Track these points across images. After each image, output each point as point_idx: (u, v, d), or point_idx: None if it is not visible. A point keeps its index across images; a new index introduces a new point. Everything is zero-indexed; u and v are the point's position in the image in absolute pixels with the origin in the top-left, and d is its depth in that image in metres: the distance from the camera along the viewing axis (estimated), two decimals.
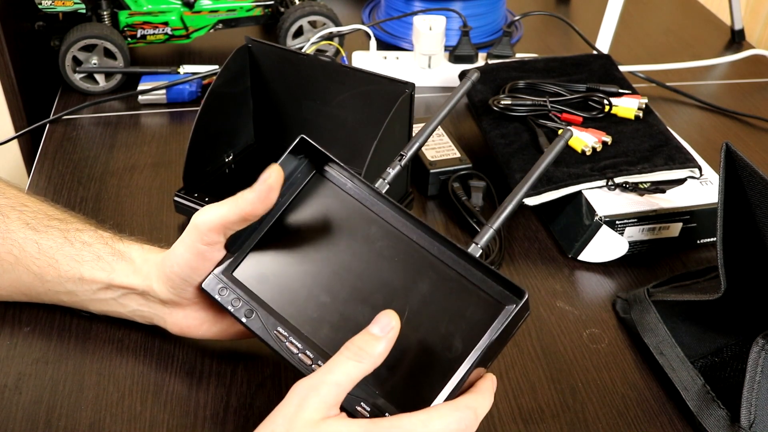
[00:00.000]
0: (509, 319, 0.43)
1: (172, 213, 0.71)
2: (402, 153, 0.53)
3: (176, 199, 0.70)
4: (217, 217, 0.47)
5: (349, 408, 0.43)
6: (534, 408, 0.55)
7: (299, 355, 0.46)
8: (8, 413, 0.52)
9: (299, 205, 0.50)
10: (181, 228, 0.70)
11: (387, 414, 0.43)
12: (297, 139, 0.49)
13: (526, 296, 0.42)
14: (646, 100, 0.78)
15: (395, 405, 0.43)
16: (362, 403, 0.43)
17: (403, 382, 0.44)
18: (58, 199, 0.73)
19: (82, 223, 0.58)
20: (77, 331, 0.59)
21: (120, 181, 0.77)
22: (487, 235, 0.47)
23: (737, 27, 1.12)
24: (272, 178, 0.47)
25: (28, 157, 0.95)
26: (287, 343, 0.47)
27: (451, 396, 0.43)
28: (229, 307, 0.49)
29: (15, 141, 0.92)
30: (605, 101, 0.77)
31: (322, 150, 0.49)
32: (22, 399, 0.53)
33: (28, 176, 0.79)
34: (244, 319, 0.48)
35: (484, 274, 0.45)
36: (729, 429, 0.51)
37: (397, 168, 0.53)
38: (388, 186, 0.52)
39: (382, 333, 0.42)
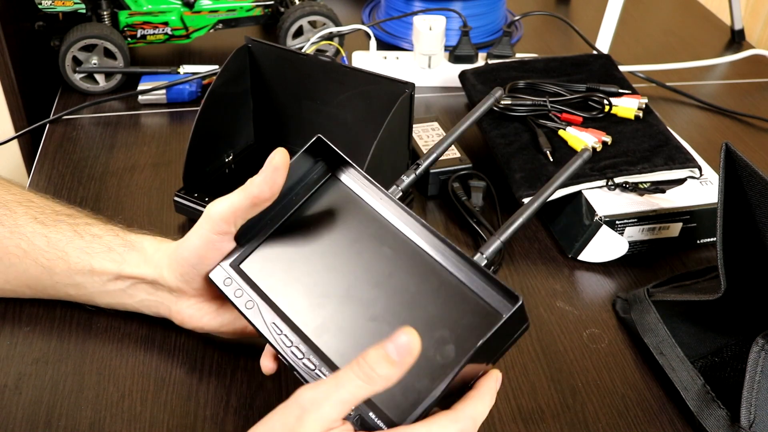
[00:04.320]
0: (498, 327, 0.42)
1: (172, 213, 0.71)
2: (418, 162, 0.54)
3: (176, 199, 0.70)
4: (228, 206, 0.48)
5: None
6: (534, 408, 0.55)
7: (292, 348, 0.47)
8: (8, 413, 0.52)
9: (312, 206, 0.51)
10: (182, 228, 0.70)
11: (371, 414, 0.43)
12: (313, 139, 0.50)
13: (520, 302, 0.42)
14: (646, 100, 0.78)
15: (384, 406, 0.43)
16: None
17: (394, 385, 0.44)
18: (58, 199, 0.73)
19: (91, 218, 0.59)
20: (77, 331, 0.59)
21: (120, 181, 0.77)
22: (493, 246, 0.48)
23: (737, 27, 1.12)
24: (276, 158, 0.47)
25: (28, 157, 0.95)
26: (283, 336, 0.47)
27: (435, 403, 0.42)
28: (232, 297, 0.50)
29: (15, 141, 0.92)
30: (605, 101, 0.77)
31: (338, 151, 0.50)
32: (22, 399, 0.53)
33: (28, 176, 0.79)
34: (243, 310, 0.49)
35: (484, 281, 0.45)
36: (729, 429, 0.51)
37: (412, 176, 0.54)
38: (401, 193, 0.53)
39: (399, 357, 0.39)
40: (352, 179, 0.51)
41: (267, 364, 0.51)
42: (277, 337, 0.47)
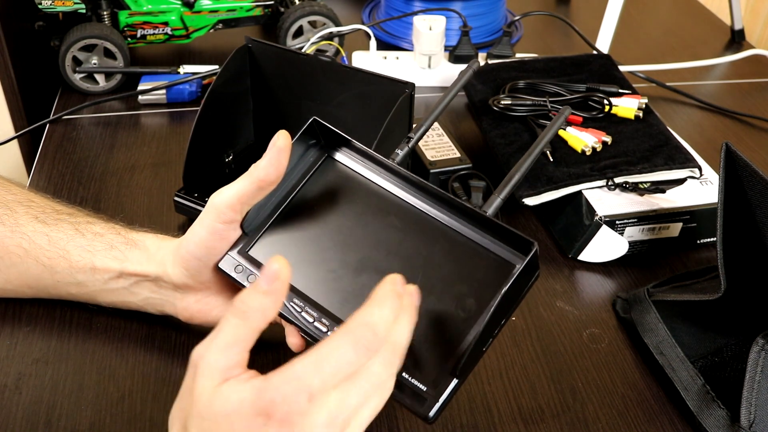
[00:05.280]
0: (521, 270, 0.43)
1: (172, 213, 0.71)
2: (410, 136, 0.54)
3: (176, 199, 0.70)
4: (234, 193, 0.49)
5: None
6: (534, 408, 0.55)
7: (315, 323, 0.47)
8: (8, 413, 0.52)
9: (312, 188, 0.52)
10: (182, 227, 0.70)
11: (405, 374, 0.43)
12: (309, 121, 0.50)
13: (535, 247, 0.43)
14: (646, 100, 0.78)
15: (409, 365, 0.44)
16: None
17: (416, 345, 0.44)
18: (59, 199, 0.73)
19: (92, 217, 0.59)
20: (77, 331, 0.59)
21: (120, 181, 0.77)
22: (495, 203, 0.49)
23: (737, 27, 1.12)
24: (280, 140, 0.48)
25: (28, 157, 0.95)
26: (303, 313, 0.48)
27: (465, 356, 0.43)
28: (245, 283, 0.50)
29: (15, 141, 0.92)
30: (605, 101, 0.77)
31: (335, 130, 0.51)
32: (22, 399, 0.53)
33: (28, 176, 0.79)
34: None
35: (493, 234, 0.46)
36: (729, 429, 0.51)
37: (405, 149, 0.54)
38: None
39: (268, 285, 0.38)
40: (349, 158, 0.52)
41: (293, 341, 0.51)
42: (298, 315, 0.48)
